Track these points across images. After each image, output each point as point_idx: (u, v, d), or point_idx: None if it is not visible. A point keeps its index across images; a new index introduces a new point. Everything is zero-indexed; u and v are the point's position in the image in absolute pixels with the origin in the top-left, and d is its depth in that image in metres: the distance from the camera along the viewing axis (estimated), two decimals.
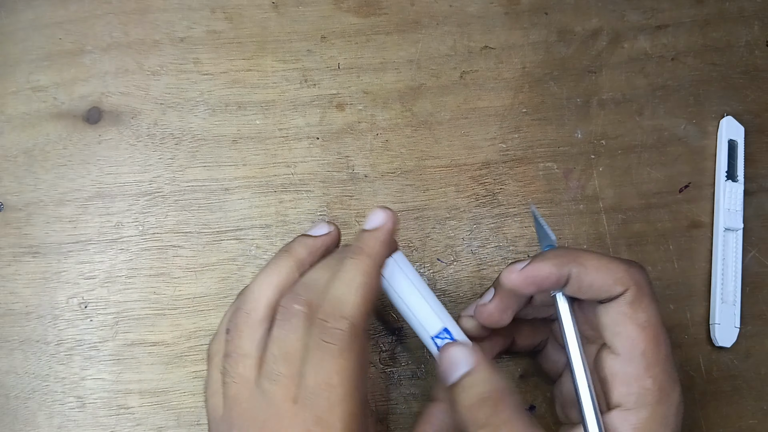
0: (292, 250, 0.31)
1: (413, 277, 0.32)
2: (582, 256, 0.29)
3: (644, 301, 0.28)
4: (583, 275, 0.28)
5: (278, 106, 0.40)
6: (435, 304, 0.32)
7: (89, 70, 0.40)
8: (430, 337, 0.31)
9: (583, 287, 0.29)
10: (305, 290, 0.29)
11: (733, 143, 0.41)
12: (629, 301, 0.28)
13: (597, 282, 0.28)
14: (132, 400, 0.36)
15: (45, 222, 0.38)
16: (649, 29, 0.42)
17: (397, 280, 0.31)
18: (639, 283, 0.28)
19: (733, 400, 0.38)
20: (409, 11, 0.41)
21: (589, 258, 0.29)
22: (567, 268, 0.29)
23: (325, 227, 0.32)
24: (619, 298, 0.28)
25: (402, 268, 0.32)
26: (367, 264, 0.28)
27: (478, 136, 0.40)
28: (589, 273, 0.28)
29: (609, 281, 0.28)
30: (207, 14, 0.41)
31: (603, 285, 0.28)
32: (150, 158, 0.39)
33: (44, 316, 0.37)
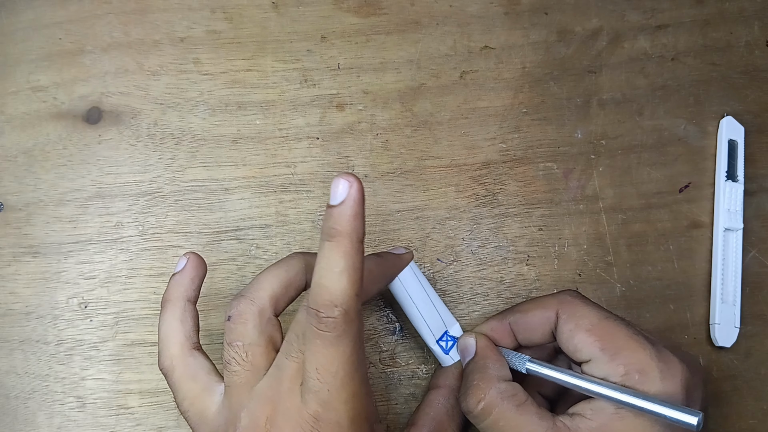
0: (306, 255, 0.32)
1: (425, 284, 0.35)
2: (514, 307, 0.34)
3: (577, 310, 0.31)
4: (520, 321, 0.33)
5: (278, 106, 0.40)
6: (442, 310, 0.35)
7: (89, 70, 0.40)
8: (435, 341, 0.35)
9: (527, 331, 0.33)
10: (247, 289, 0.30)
11: (733, 143, 0.40)
12: (566, 318, 0.31)
13: (532, 321, 0.32)
14: (132, 400, 0.36)
15: (45, 222, 0.38)
16: (649, 29, 0.42)
17: (411, 286, 0.34)
18: (565, 300, 0.31)
19: (733, 400, 0.38)
20: (409, 11, 0.41)
21: (520, 305, 0.33)
22: (506, 320, 0.33)
23: None
24: (559, 321, 0.31)
25: (416, 275, 0.35)
26: (346, 244, 0.25)
27: (478, 136, 0.40)
28: (523, 316, 0.33)
29: (541, 313, 0.32)
30: (207, 14, 0.41)
31: (539, 320, 0.32)
32: (150, 158, 0.39)
33: (44, 316, 0.37)
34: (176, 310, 0.31)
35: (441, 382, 0.35)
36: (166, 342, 0.30)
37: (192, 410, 0.29)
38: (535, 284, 0.39)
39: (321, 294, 0.26)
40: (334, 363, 0.26)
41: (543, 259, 0.39)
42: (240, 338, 0.29)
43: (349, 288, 0.26)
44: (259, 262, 0.38)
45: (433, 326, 0.35)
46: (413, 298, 0.34)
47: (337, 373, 0.26)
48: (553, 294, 0.33)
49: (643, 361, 0.28)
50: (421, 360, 0.38)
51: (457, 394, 0.34)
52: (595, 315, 0.30)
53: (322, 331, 0.26)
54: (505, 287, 0.39)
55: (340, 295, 0.26)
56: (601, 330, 0.29)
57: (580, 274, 0.39)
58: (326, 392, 0.26)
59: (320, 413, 0.26)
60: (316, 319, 0.26)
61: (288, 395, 0.27)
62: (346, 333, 0.26)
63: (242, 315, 0.29)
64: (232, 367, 0.29)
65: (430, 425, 0.33)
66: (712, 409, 0.38)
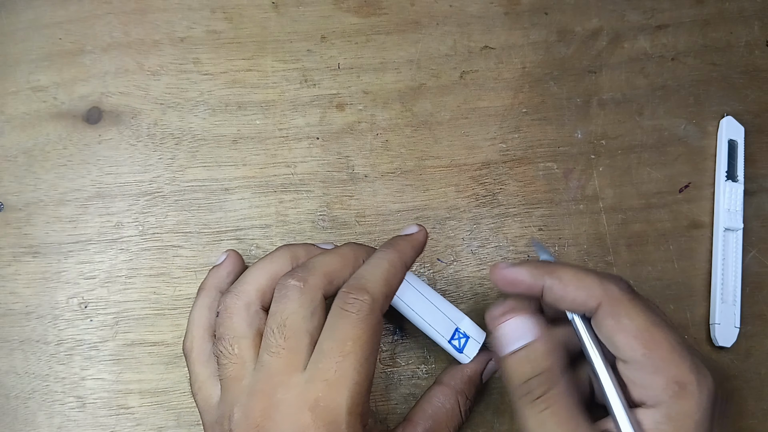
0: (292, 247, 0.32)
1: (422, 287, 0.34)
2: (558, 269, 0.30)
3: (623, 310, 0.29)
4: (555, 288, 0.30)
5: (278, 106, 0.40)
6: (445, 308, 0.34)
7: (89, 70, 0.40)
8: (447, 341, 0.34)
9: (557, 299, 0.30)
10: (302, 269, 0.30)
11: (733, 143, 0.41)
12: (609, 314, 0.29)
13: (569, 295, 0.29)
14: (132, 400, 0.36)
15: (45, 222, 0.38)
16: (649, 29, 0.42)
17: (407, 293, 0.33)
18: (612, 294, 0.29)
19: (733, 400, 0.38)
20: (409, 11, 0.41)
21: (565, 272, 0.30)
22: (541, 279, 0.30)
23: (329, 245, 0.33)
24: (599, 312, 0.29)
25: (410, 282, 0.33)
26: (394, 255, 0.30)
27: (478, 136, 0.40)
28: (563, 286, 0.29)
29: (581, 295, 0.29)
30: (207, 14, 0.41)
31: (576, 298, 0.29)
32: (150, 158, 0.39)
33: (44, 316, 0.37)
34: (207, 299, 0.32)
35: (446, 381, 0.34)
36: (192, 325, 0.32)
37: (200, 394, 0.30)
38: None
39: (357, 280, 0.28)
40: (348, 342, 0.27)
41: None
42: (227, 332, 0.30)
43: (383, 285, 0.29)
44: None
45: (441, 328, 0.34)
46: (412, 306, 0.33)
47: (348, 354, 0.27)
48: (601, 277, 0.29)
49: (683, 374, 0.27)
50: (421, 360, 0.38)
51: (460, 396, 0.34)
52: (642, 318, 0.28)
53: (346, 311, 0.27)
54: None
55: (374, 286, 0.28)
56: (647, 337, 0.28)
57: None
58: (333, 373, 0.27)
59: (320, 397, 0.27)
60: (343, 300, 0.28)
61: (281, 387, 0.27)
62: (367, 320, 0.27)
63: (228, 309, 0.30)
64: (222, 361, 0.29)
65: (426, 423, 0.33)
66: None
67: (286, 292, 0.29)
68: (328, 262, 0.30)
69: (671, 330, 0.29)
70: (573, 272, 0.30)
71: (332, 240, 0.38)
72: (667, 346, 0.28)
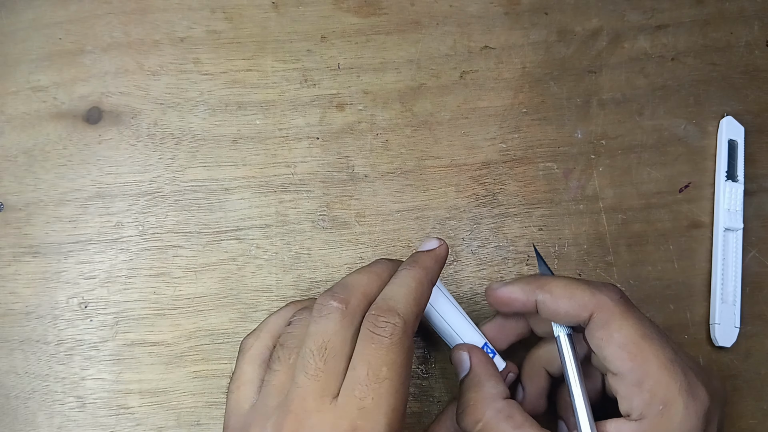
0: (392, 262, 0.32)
1: (453, 300, 0.34)
2: (550, 283, 0.30)
3: (615, 322, 0.29)
4: (548, 302, 0.30)
5: (278, 106, 0.40)
6: (472, 323, 0.34)
7: (89, 70, 0.40)
8: None
9: (551, 313, 0.30)
10: (341, 289, 0.29)
11: (733, 143, 0.40)
12: (600, 325, 0.29)
13: (561, 308, 0.30)
14: (132, 400, 0.36)
15: (45, 222, 0.38)
16: (649, 29, 0.42)
17: (440, 303, 0.33)
18: (604, 305, 0.29)
19: (733, 400, 0.38)
20: (409, 11, 0.41)
21: (556, 285, 0.30)
22: (533, 295, 0.30)
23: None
24: (591, 323, 0.29)
25: (443, 292, 0.33)
26: (421, 273, 0.29)
27: (478, 136, 0.40)
28: (555, 300, 0.30)
29: (573, 307, 0.29)
30: (207, 14, 0.41)
31: (568, 311, 0.30)
32: (150, 158, 0.39)
33: (44, 316, 0.37)
34: (289, 312, 0.31)
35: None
36: (264, 326, 0.31)
37: (235, 394, 0.29)
38: None
39: (386, 301, 0.27)
40: (383, 368, 0.26)
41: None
42: (293, 340, 0.29)
43: (413, 305, 0.28)
44: (259, 262, 0.38)
45: (470, 340, 0.33)
46: (444, 316, 0.33)
47: (384, 379, 0.26)
48: (593, 288, 0.30)
49: (670, 393, 0.27)
50: (421, 360, 0.38)
51: None
52: (633, 332, 0.28)
53: (378, 335, 0.26)
54: None
55: (404, 307, 0.27)
56: (635, 350, 0.28)
57: (580, 274, 0.39)
58: (370, 400, 0.26)
59: (358, 425, 0.26)
60: (374, 324, 0.27)
61: (317, 414, 0.26)
62: (401, 343, 0.27)
63: (303, 321, 0.29)
64: (275, 366, 0.28)
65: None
66: None
67: (328, 313, 0.28)
68: (365, 282, 0.29)
69: (664, 345, 0.28)
70: (564, 285, 0.30)
71: (332, 240, 0.38)
72: (656, 362, 0.28)
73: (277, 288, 0.38)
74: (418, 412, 0.37)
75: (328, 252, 0.38)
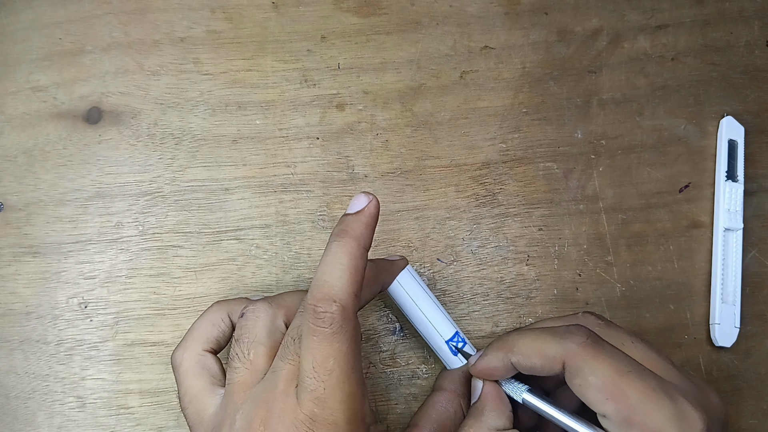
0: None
1: (424, 287, 0.34)
2: (517, 342, 0.30)
3: (587, 366, 0.28)
4: (521, 362, 0.30)
5: (278, 106, 0.40)
6: (445, 312, 0.34)
7: (89, 70, 0.40)
8: (445, 341, 0.34)
9: (528, 371, 0.30)
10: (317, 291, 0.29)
11: (733, 143, 0.41)
12: (574, 374, 0.28)
13: (535, 365, 0.29)
14: (132, 400, 0.36)
15: (45, 222, 0.38)
16: (649, 29, 0.42)
17: (412, 288, 0.34)
18: (572, 352, 0.28)
19: (733, 400, 0.38)
20: (409, 11, 0.41)
21: (521, 344, 0.30)
22: (506, 358, 0.30)
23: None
24: (566, 373, 0.29)
25: (415, 278, 0.34)
26: (352, 245, 0.27)
27: (478, 136, 0.40)
28: (525, 358, 0.29)
29: (546, 362, 0.29)
30: (207, 14, 0.41)
31: (543, 366, 0.29)
32: (150, 158, 0.39)
33: (44, 316, 0.37)
34: (215, 315, 0.32)
35: (446, 385, 0.34)
36: (189, 336, 0.31)
37: (192, 407, 0.30)
38: (535, 284, 0.39)
39: (321, 288, 0.27)
40: (329, 360, 0.26)
41: (543, 259, 0.39)
42: (247, 334, 0.29)
43: (348, 286, 0.27)
44: (259, 262, 0.38)
45: (440, 326, 0.34)
46: (415, 299, 0.34)
47: (333, 370, 0.26)
48: (559, 336, 0.29)
49: (660, 423, 0.27)
50: (421, 360, 0.38)
51: (462, 399, 0.33)
52: (607, 372, 0.27)
53: (318, 327, 0.26)
54: (505, 287, 0.39)
55: (340, 291, 0.26)
56: (613, 388, 0.27)
57: (580, 274, 0.39)
58: (322, 390, 0.26)
59: (316, 413, 0.26)
60: (313, 315, 0.26)
61: (282, 397, 0.27)
62: (342, 329, 0.26)
63: (256, 312, 0.30)
64: (235, 364, 0.29)
65: (432, 427, 0.32)
66: None
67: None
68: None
69: (643, 376, 0.28)
70: (530, 340, 0.30)
71: None
72: (638, 395, 0.27)
73: (277, 288, 0.38)
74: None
75: None
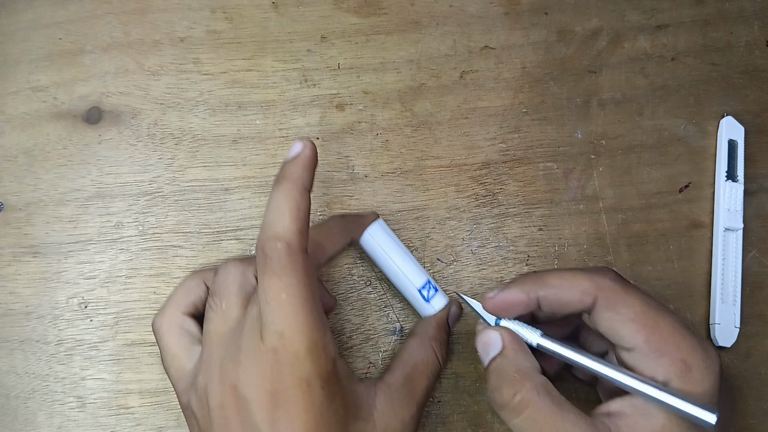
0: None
1: (395, 238, 0.36)
2: (545, 277, 0.30)
3: (619, 299, 0.29)
4: (550, 296, 0.30)
5: (278, 106, 0.40)
6: (417, 262, 0.36)
7: (89, 70, 0.40)
8: (417, 290, 0.35)
9: (555, 307, 0.30)
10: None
11: (733, 143, 0.41)
12: (606, 307, 0.29)
13: (564, 299, 0.30)
14: (132, 400, 0.36)
15: (45, 222, 0.38)
16: (649, 29, 0.42)
17: (383, 239, 0.35)
18: (605, 286, 0.29)
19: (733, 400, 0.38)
20: (409, 11, 0.41)
21: (552, 278, 0.30)
22: (534, 292, 0.30)
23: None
24: (597, 307, 0.29)
25: (385, 230, 0.36)
26: (290, 187, 0.29)
27: (478, 136, 0.40)
28: (556, 292, 0.30)
29: (577, 296, 0.29)
30: (207, 14, 0.41)
31: (572, 300, 0.30)
32: (150, 158, 0.39)
33: (44, 316, 0.37)
34: (192, 282, 0.33)
35: (418, 331, 0.35)
36: (168, 302, 0.33)
37: (173, 365, 0.32)
38: None
39: (265, 231, 0.28)
40: (281, 293, 0.27)
41: (543, 259, 0.39)
42: (221, 288, 0.31)
43: (291, 223, 0.28)
44: None
45: (412, 275, 0.35)
46: (385, 249, 0.35)
47: (285, 303, 0.27)
48: (589, 273, 0.30)
49: (688, 353, 0.27)
50: None
51: (434, 342, 0.34)
52: (639, 304, 0.28)
53: (268, 266, 0.28)
54: None
55: (282, 229, 0.28)
56: (646, 320, 0.28)
57: None
58: (279, 323, 0.27)
59: (277, 345, 0.27)
60: (262, 256, 0.28)
61: (249, 334, 0.29)
62: (291, 264, 0.28)
63: (227, 268, 0.32)
64: (209, 315, 0.31)
65: (404, 369, 0.33)
66: None
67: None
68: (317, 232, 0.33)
69: (670, 313, 0.29)
70: (561, 276, 0.30)
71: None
72: (669, 328, 0.28)
73: None
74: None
75: None
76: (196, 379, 0.30)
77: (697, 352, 0.28)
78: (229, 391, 0.28)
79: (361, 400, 0.31)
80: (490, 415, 0.37)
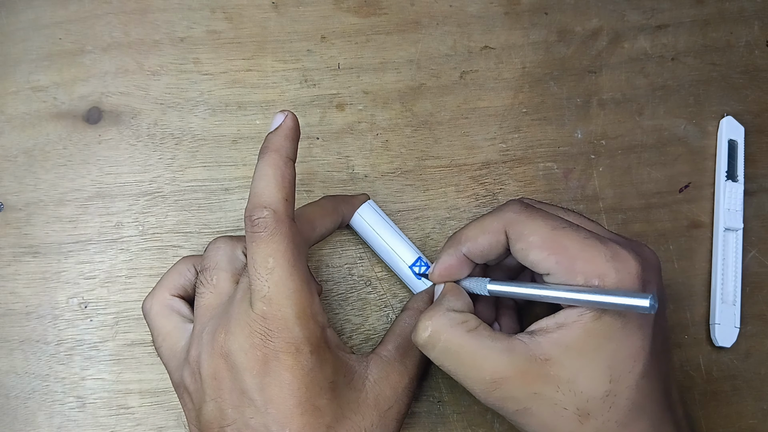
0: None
1: (386, 218, 0.37)
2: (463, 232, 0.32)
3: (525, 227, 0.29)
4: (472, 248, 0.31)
5: (278, 106, 0.40)
6: (408, 240, 0.36)
7: (89, 70, 0.40)
8: (408, 266, 0.36)
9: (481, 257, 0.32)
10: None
11: (733, 143, 0.41)
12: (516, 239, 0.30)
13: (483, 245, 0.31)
14: (132, 400, 0.36)
15: (45, 222, 0.38)
16: (649, 29, 0.42)
17: (373, 219, 0.36)
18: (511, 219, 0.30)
19: (733, 400, 0.38)
20: (409, 11, 0.41)
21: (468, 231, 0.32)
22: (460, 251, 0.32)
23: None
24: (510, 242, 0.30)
25: (376, 210, 0.36)
26: (274, 157, 0.29)
27: (478, 136, 0.40)
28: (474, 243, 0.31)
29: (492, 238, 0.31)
30: (207, 14, 0.41)
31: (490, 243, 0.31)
32: (150, 158, 0.39)
33: (44, 316, 0.37)
34: (182, 266, 0.34)
35: (411, 305, 0.35)
36: (158, 285, 0.33)
37: (165, 344, 0.32)
38: None
39: (252, 200, 0.29)
40: (269, 260, 0.28)
41: None
42: (210, 263, 0.32)
43: (276, 192, 0.29)
44: None
45: (403, 252, 0.36)
46: (376, 229, 0.36)
47: (273, 269, 0.28)
48: (497, 212, 0.31)
49: (599, 265, 0.28)
50: None
51: None
52: (543, 228, 0.29)
53: (255, 233, 0.28)
54: None
55: (268, 197, 0.29)
56: (552, 243, 0.28)
57: None
58: (267, 289, 0.28)
59: (265, 311, 0.28)
60: (249, 224, 0.29)
61: (239, 304, 0.29)
62: (278, 231, 0.28)
63: (216, 244, 0.32)
64: (200, 290, 0.31)
65: (396, 341, 0.33)
66: (712, 409, 0.38)
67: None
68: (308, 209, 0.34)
69: (576, 229, 0.29)
70: (474, 225, 0.32)
71: (333, 240, 0.38)
72: (575, 244, 0.28)
73: None
74: (419, 412, 0.37)
75: (329, 252, 0.38)
76: (189, 353, 0.30)
77: (608, 261, 0.28)
78: (221, 360, 0.29)
79: (353, 369, 0.31)
80: (490, 415, 0.37)
